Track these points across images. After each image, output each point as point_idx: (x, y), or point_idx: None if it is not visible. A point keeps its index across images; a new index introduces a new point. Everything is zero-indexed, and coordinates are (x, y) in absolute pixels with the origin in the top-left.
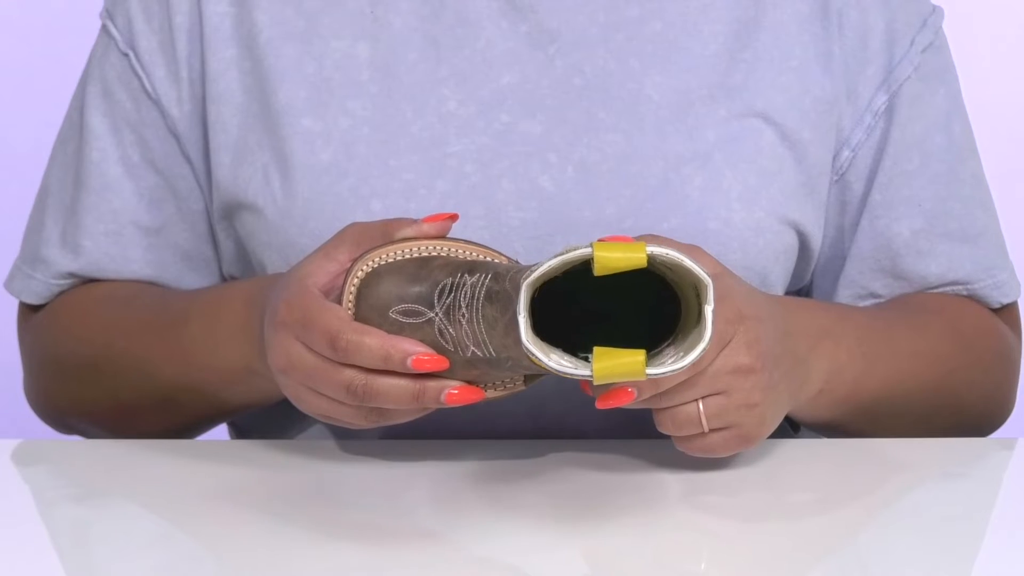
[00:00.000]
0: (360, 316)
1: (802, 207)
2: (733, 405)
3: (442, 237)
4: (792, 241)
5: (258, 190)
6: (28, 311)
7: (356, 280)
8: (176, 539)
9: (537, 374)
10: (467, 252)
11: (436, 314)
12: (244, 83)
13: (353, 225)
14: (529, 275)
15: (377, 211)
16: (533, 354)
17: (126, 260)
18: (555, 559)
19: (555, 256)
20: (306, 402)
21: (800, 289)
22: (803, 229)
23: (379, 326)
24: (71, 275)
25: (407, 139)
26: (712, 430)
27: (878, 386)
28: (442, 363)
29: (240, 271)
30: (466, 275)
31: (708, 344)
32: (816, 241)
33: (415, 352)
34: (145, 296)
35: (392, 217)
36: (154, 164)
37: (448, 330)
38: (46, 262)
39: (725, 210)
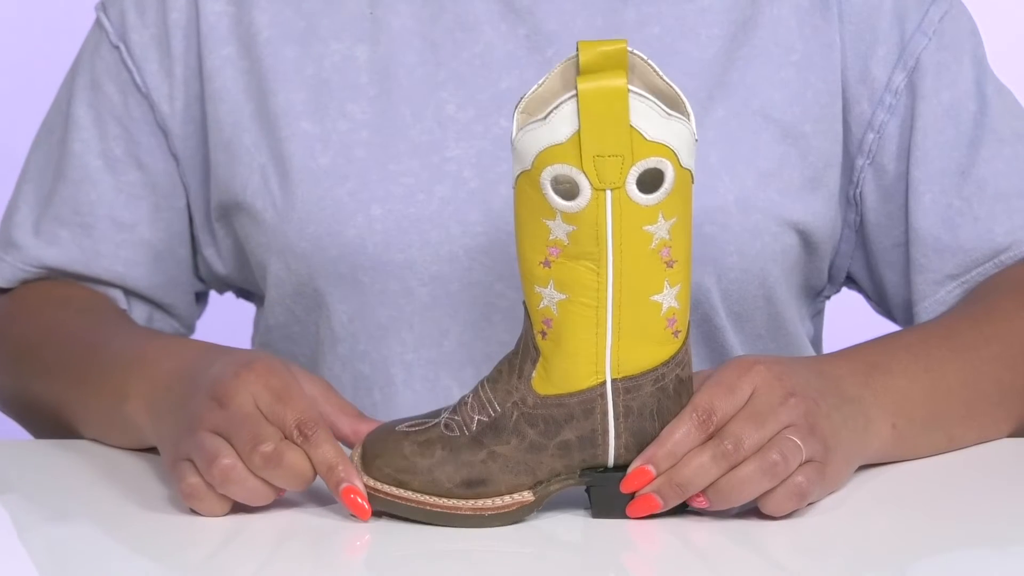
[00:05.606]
0: (368, 439)
1: (806, 203)
2: (800, 430)
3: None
4: (791, 241)
5: (256, 192)
6: None
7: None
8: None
9: (546, 489)
10: None
11: (442, 417)
12: (240, 82)
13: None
14: (525, 93)
15: (377, 216)
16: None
17: (97, 254)
18: (553, 560)
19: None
20: (198, 441)
21: (862, 288)
22: (805, 227)
23: (385, 441)
24: (40, 263)
25: (406, 143)
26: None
27: (958, 384)
28: (364, 514)
29: (239, 272)
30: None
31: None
32: (822, 234)
33: (353, 483)
34: (98, 313)
35: (394, 221)
36: (138, 159)
37: (454, 419)
38: (18, 247)
39: (721, 214)
